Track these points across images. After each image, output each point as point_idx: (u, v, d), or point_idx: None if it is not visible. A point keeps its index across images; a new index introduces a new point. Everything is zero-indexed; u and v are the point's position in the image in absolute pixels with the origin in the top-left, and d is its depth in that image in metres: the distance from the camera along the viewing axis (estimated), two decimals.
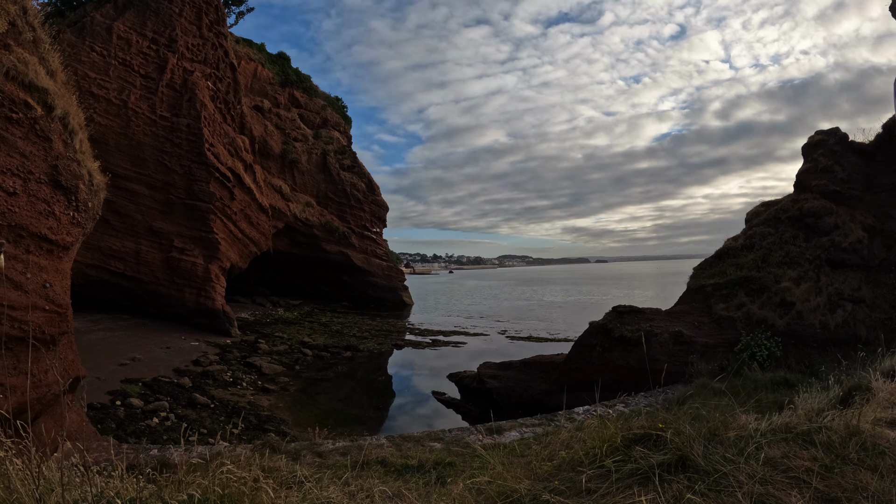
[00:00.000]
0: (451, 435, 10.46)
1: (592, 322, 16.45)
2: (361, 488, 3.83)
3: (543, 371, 17.32)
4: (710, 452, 3.10)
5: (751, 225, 19.06)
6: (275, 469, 4.45)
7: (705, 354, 14.23)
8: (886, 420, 3.68)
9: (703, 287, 17.11)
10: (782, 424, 3.52)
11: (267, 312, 41.11)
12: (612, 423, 3.67)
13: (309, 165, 47.16)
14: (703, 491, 2.76)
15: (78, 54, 25.88)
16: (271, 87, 47.33)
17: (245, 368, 22.84)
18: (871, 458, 3.01)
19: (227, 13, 37.60)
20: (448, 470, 7.12)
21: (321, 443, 9.56)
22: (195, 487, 2.96)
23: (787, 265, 16.30)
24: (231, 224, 32.63)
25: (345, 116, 58.57)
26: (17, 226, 8.13)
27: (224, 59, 34.00)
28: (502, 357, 22.91)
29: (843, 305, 15.17)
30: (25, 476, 2.66)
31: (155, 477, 3.59)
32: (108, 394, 16.18)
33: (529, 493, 3.21)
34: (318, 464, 7.65)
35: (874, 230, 16.65)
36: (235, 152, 33.86)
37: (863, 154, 18.12)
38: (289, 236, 44.72)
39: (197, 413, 16.10)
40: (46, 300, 8.59)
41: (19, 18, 8.96)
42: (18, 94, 8.45)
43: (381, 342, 32.55)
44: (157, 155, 28.72)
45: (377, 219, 54.22)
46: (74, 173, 9.33)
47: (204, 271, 29.54)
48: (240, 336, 29.29)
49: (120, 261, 27.85)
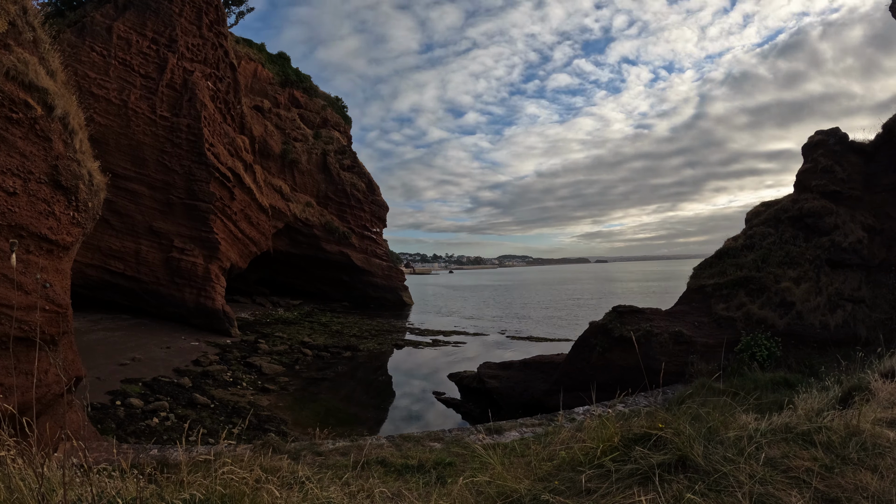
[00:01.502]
0: (451, 435, 10.47)
1: (592, 322, 16.46)
2: (362, 488, 3.83)
3: (543, 371, 17.33)
4: (710, 452, 3.10)
5: (751, 225, 19.08)
6: (276, 469, 4.46)
7: (705, 354, 14.23)
8: (886, 420, 3.69)
9: (703, 287, 17.12)
10: (782, 424, 3.52)
11: (267, 312, 41.12)
12: (611, 423, 3.68)
13: (309, 165, 47.17)
14: (703, 491, 2.77)
15: (78, 54, 25.89)
16: (271, 87, 47.35)
17: (245, 368, 22.84)
18: (871, 458, 3.02)
19: (227, 13, 37.62)
20: (448, 470, 7.12)
21: (321, 443, 9.56)
22: (196, 487, 2.97)
23: (787, 265, 16.31)
24: (231, 224, 32.64)
25: (345, 116, 58.60)
26: (17, 226, 8.14)
27: (224, 59, 34.01)
28: (502, 357, 22.94)
29: (843, 305, 15.18)
30: (27, 475, 2.66)
31: (156, 477, 3.60)
32: (108, 394, 16.19)
33: (529, 493, 3.22)
34: (318, 464, 7.66)
35: (874, 230, 16.66)
36: (235, 152, 33.86)
37: (863, 154, 18.13)
38: (289, 236, 44.73)
39: (197, 413, 16.11)
40: (46, 300, 8.60)
41: (19, 18, 8.97)
42: (18, 94, 8.46)
43: (381, 342, 32.56)
44: (157, 155, 28.72)
45: (377, 219, 54.27)
46: (74, 173, 9.34)
47: (204, 271, 29.55)
48: (240, 336, 29.30)
49: (120, 261, 27.85)
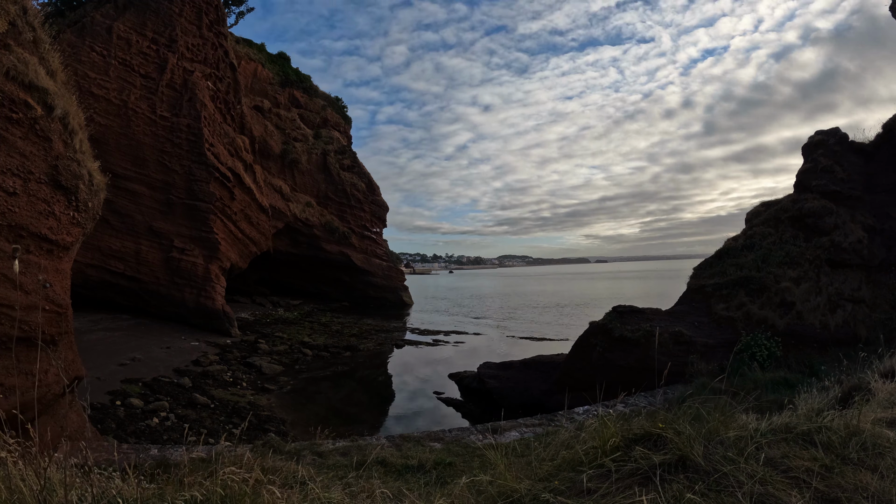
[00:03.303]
0: (451, 435, 10.47)
1: (592, 322, 16.47)
2: (363, 489, 3.83)
3: (543, 371, 17.34)
4: (710, 452, 3.10)
5: (751, 225, 19.08)
6: (276, 469, 4.46)
7: (705, 354, 14.24)
8: (886, 420, 3.69)
9: (703, 287, 17.12)
10: (782, 424, 3.52)
11: (267, 312, 41.11)
12: (612, 423, 3.68)
13: (309, 165, 47.17)
14: (703, 491, 2.77)
15: (78, 54, 25.88)
16: (271, 87, 47.34)
17: (245, 368, 22.84)
18: (871, 458, 3.02)
19: (227, 13, 37.62)
20: (448, 470, 7.13)
21: (321, 443, 9.56)
22: (197, 488, 2.97)
23: (788, 265, 16.31)
24: (231, 224, 32.64)
25: (345, 116, 58.61)
26: (17, 226, 8.14)
27: (224, 59, 34.01)
28: (502, 357, 22.94)
29: (843, 305, 15.19)
30: (28, 476, 2.66)
31: (156, 477, 3.60)
32: (108, 394, 16.18)
33: (529, 492, 3.22)
34: (318, 464, 7.66)
35: (874, 230, 16.68)
36: (235, 152, 33.86)
37: (863, 154, 18.16)
38: (289, 236, 44.72)
39: (197, 413, 16.10)
40: (46, 300, 8.60)
41: (19, 18, 8.96)
42: (18, 94, 8.45)
43: (381, 342, 32.56)
44: (157, 155, 28.71)
45: (377, 219, 54.28)
46: (74, 173, 9.33)
47: (204, 271, 29.55)
48: (240, 336, 29.30)
49: (120, 261, 27.85)
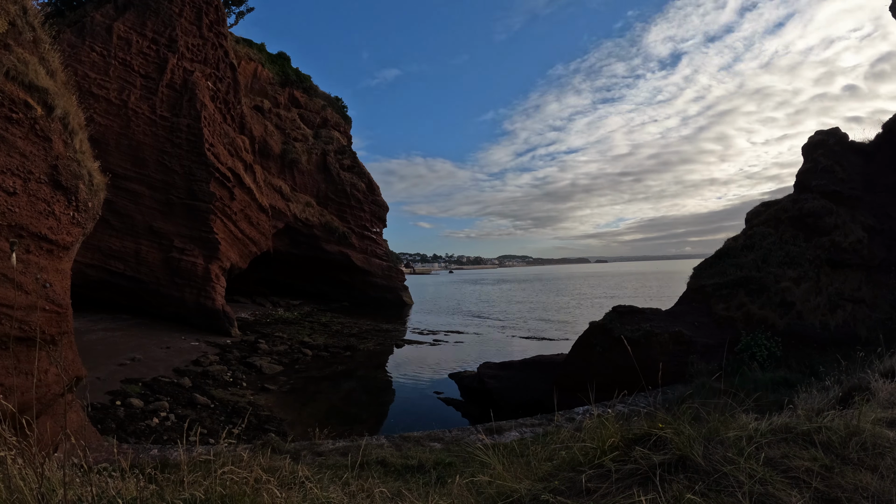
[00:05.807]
0: (450, 435, 10.47)
1: (592, 322, 16.46)
2: (362, 489, 3.83)
3: (543, 371, 17.34)
4: (710, 452, 3.10)
5: (751, 225, 19.08)
6: (276, 469, 4.46)
7: (705, 354, 14.24)
8: (886, 420, 3.69)
9: (702, 287, 17.12)
10: (782, 424, 3.52)
11: (267, 312, 41.11)
12: (611, 423, 3.67)
13: (309, 165, 47.18)
14: (703, 491, 2.77)
15: (78, 54, 25.89)
16: (271, 87, 47.35)
17: (245, 368, 22.83)
18: (871, 458, 3.02)
19: (227, 13, 37.62)
20: (448, 470, 7.12)
21: (321, 443, 9.57)
22: (197, 487, 2.97)
23: (788, 265, 16.31)
24: (231, 224, 32.64)
25: (345, 116, 58.60)
26: (17, 226, 8.14)
27: (224, 59, 34.01)
28: (502, 357, 22.94)
29: (843, 305, 15.18)
30: (27, 475, 2.66)
31: (156, 477, 3.60)
32: (108, 394, 16.18)
33: (529, 492, 3.21)
34: (318, 464, 7.66)
35: (874, 230, 16.67)
36: (235, 152, 33.86)
37: (863, 154, 18.15)
38: (289, 236, 44.73)
39: (197, 413, 16.10)
40: (46, 300, 8.60)
41: (19, 18, 8.96)
42: (18, 94, 8.45)
43: (380, 341, 32.56)
44: (157, 155, 28.72)
45: (377, 219, 54.29)
46: (74, 173, 9.33)
47: (204, 271, 29.55)
48: (240, 336, 29.30)
49: (120, 261, 27.85)
